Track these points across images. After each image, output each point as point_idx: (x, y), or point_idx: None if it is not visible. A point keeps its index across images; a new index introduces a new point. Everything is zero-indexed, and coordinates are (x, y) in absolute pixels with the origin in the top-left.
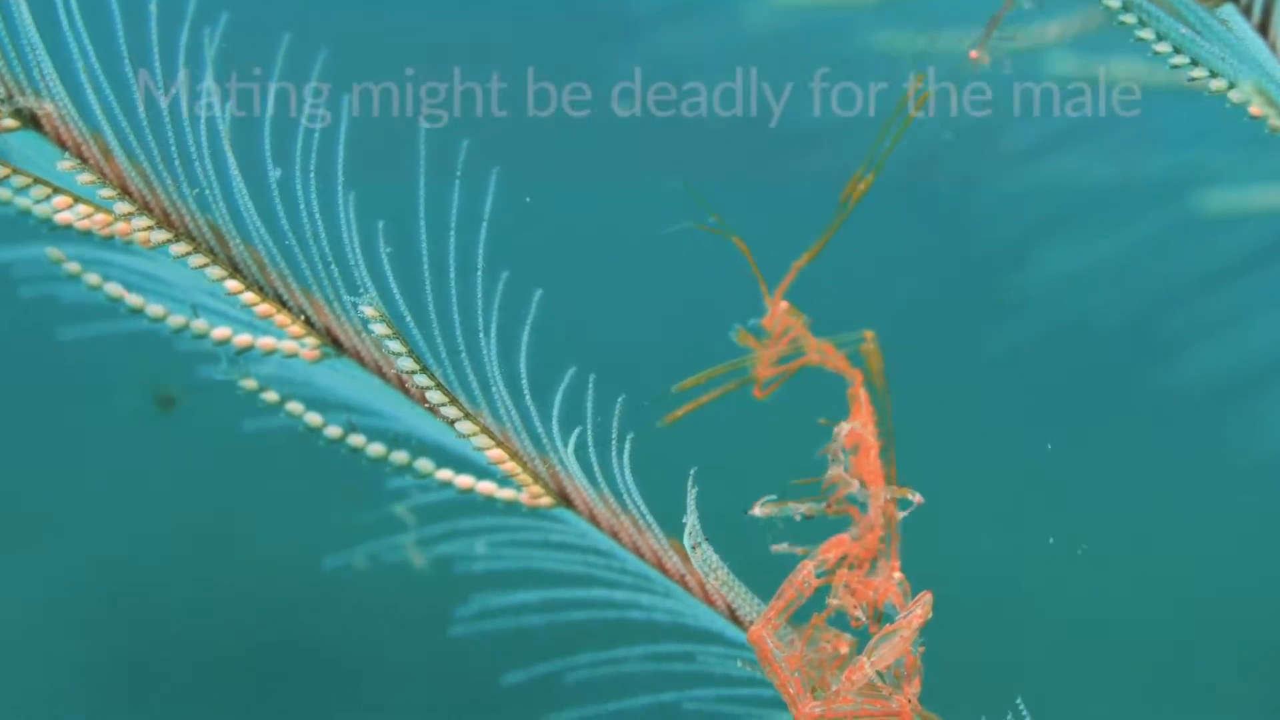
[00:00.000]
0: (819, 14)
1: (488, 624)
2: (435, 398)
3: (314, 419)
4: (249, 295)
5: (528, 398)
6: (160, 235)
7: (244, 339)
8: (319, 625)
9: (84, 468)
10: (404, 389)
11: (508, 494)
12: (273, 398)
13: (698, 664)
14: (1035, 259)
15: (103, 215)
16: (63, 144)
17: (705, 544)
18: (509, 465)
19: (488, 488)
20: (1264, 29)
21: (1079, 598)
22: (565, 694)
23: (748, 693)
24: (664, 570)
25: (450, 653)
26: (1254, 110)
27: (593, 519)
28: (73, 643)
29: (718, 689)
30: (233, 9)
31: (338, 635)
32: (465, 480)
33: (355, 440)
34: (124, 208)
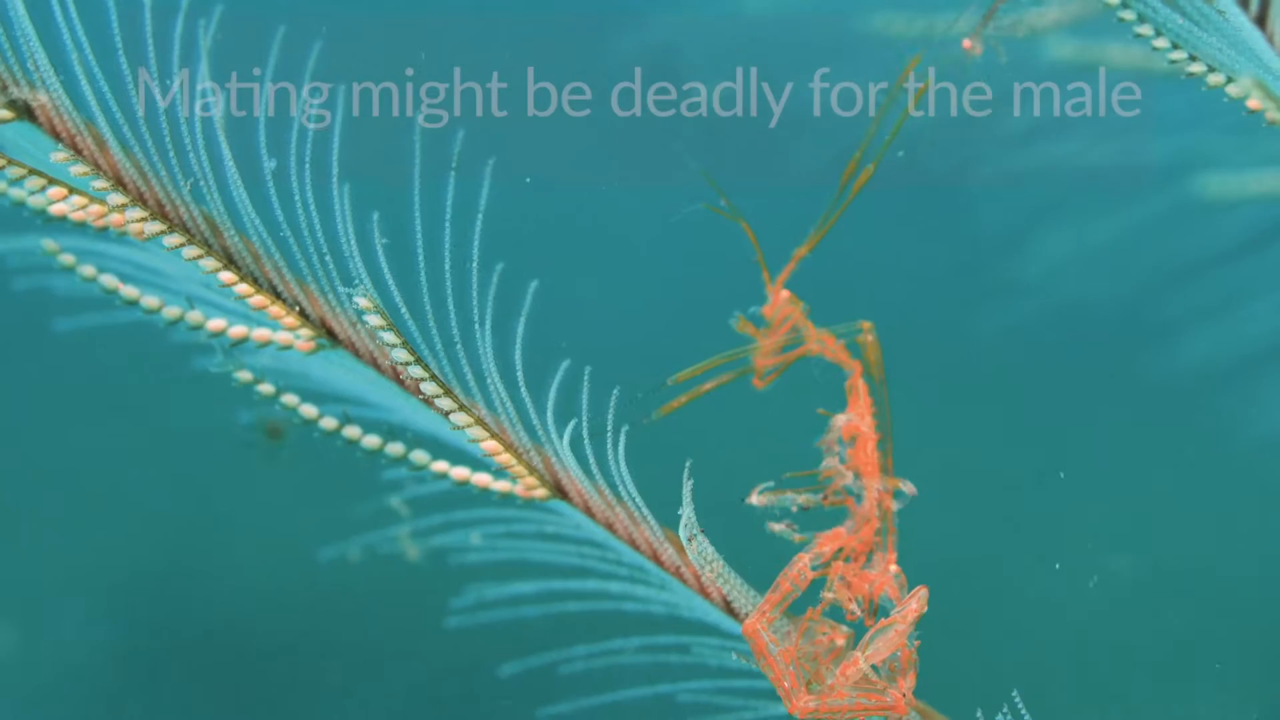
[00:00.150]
0: None
1: (483, 615)
2: (430, 389)
3: (309, 411)
4: (244, 287)
5: (523, 389)
6: (154, 227)
7: (239, 331)
8: (314, 616)
9: (78, 460)
10: (399, 381)
11: (503, 486)
12: (268, 390)
13: (693, 656)
14: (1032, 243)
15: (97, 207)
16: (57, 135)
17: (701, 536)
18: (504, 457)
19: (483, 479)
20: (1261, 21)
21: (1075, 589)
22: (560, 685)
23: (743, 685)
24: (659, 562)
25: (445, 644)
26: (1252, 104)
27: (588, 511)
28: (65, 635)
29: (713, 681)
30: (231, 6)
31: (332, 626)
32: (460, 472)
33: (350, 432)
34: (118, 199)
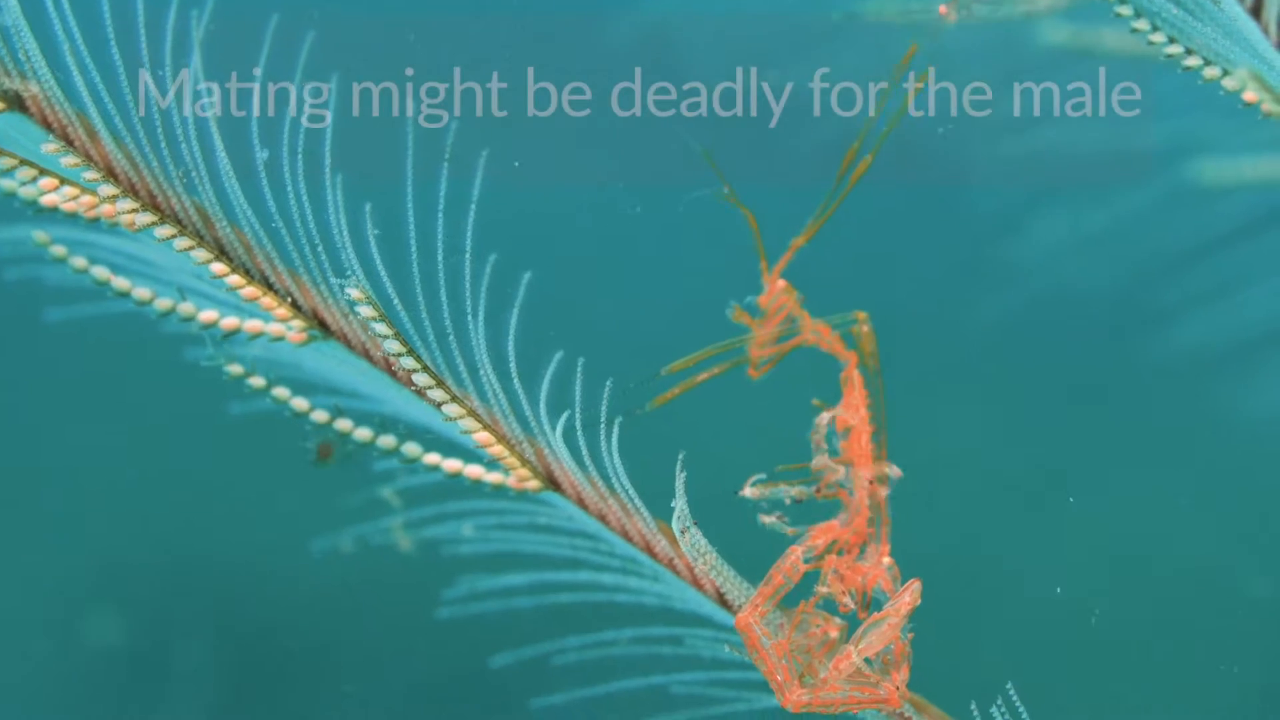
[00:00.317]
0: None
1: (475, 607)
2: (422, 380)
3: (300, 403)
4: (235, 278)
5: (516, 381)
6: (146, 218)
7: (230, 322)
8: (305, 607)
9: (69, 452)
10: (391, 372)
11: (495, 477)
12: (259, 382)
13: (686, 647)
14: (1028, 230)
15: (89, 198)
16: (49, 126)
17: (694, 528)
18: (496, 448)
19: (475, 471)
20: (1256, 12)
21: (1071, 579)
22: (553, 677)
23: (736, 676)
24: (652, 554)
25: (438, 635)
26: (1248, 96)
27: (580, 502)
28: (56, 627)
29: (706, 672)
30: (231, 4)
31: (324, 617)
32: (453, 464)
33: (342, 424)
34: (110, 190)
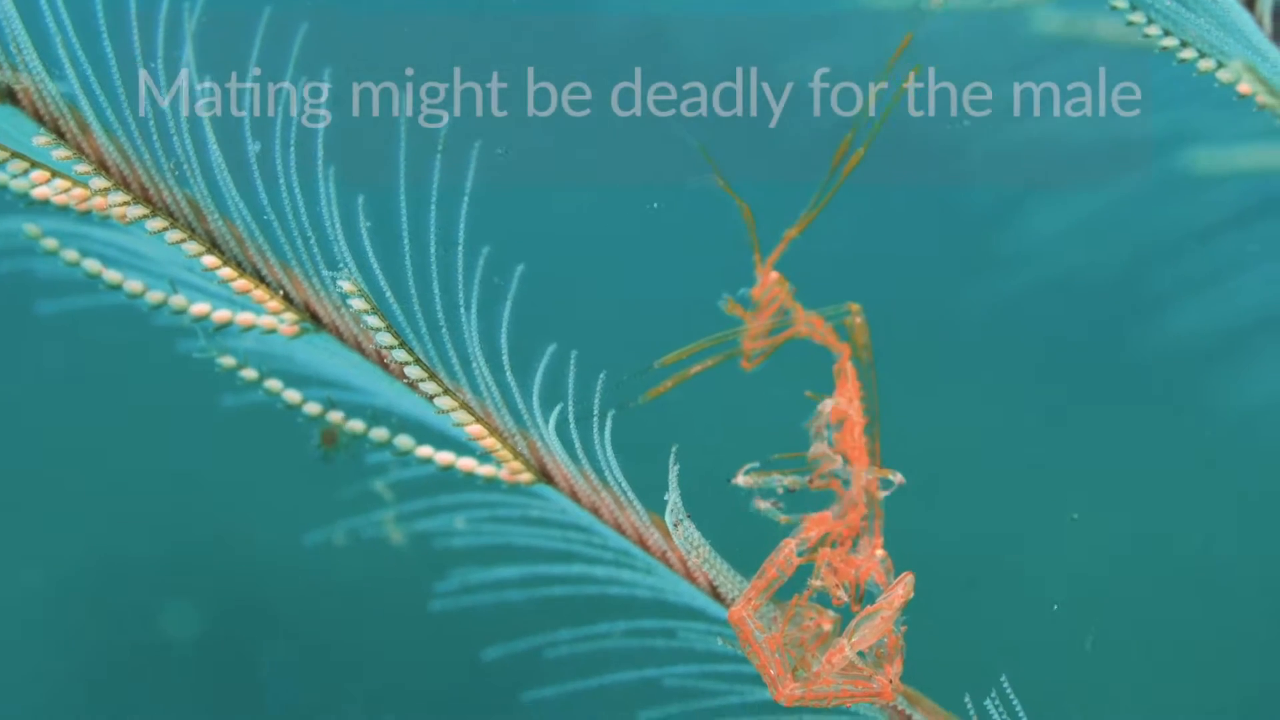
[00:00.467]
0: None
1: (467, 600)
2: (414, 373)
3: (293, 395)
4: (227, 270)
5: (508, 373)
6: (137, 210)
7: (222, 314)
8: (297, 600)
9: (60, 444)
10: (383, 364)
11: (488, 470)
12: (251, 374)
13: (679, 640)
14: (1021, 218)
15: (80, 190)
16: (40, 118)
17: (687, 521)
18: (489, 441)
19: (468, 464)
20: (1250, 4)
21: (1064, 571)
22: (545, 670)
23: (729, 669)
24: (645, 547)
25: (430, 628)
26: (1243, 88)
27: (573, 495)
28: (46, 619)
29: (699, 665)
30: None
31: (316, 610)
32: (445, 456)
33: (334, 416)
34: (101, 183)
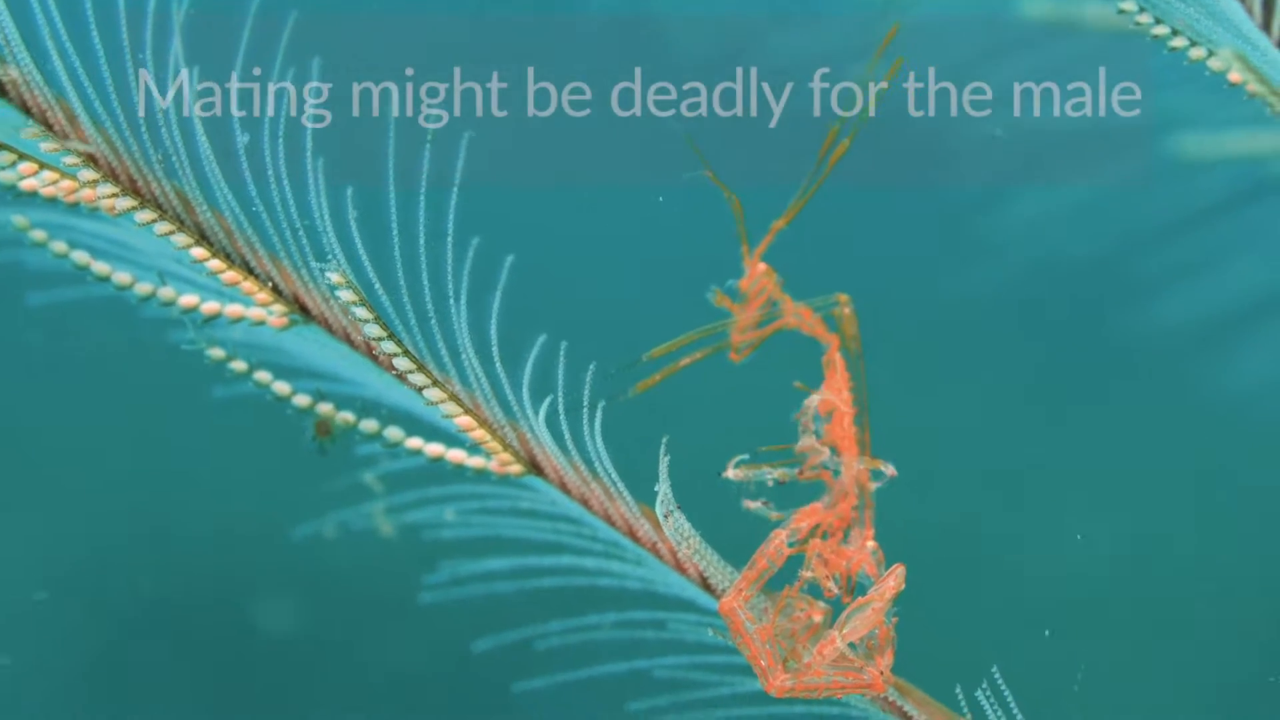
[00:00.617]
0: None
1: (457, 592)
2: (404, 365)
3: (282, 387)
4: (216, 262)
5: (498, 364)
6: (126, 203)
7: (211, 307)
8: (287, 593)
9: (49, 436)
10: (372, 356)
11: (477, 462)
12: (240, 366)
13: (669, 631)
14: (1008, 204)
15: (68, 182)
16: (28, 111)
17: (677, 512)
18: (478, 433)
19: (457, 455)
20: None
21: (1055, 561)
22: (535, 661)
23: (719, 660)
24: (635, 538)
25: (419, 620)
26: (1234, 77)
27: (563, 487)
28: (35, 610)
29: (689, 656)
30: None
31: (306, 603)
32: (435, 448)
33: (323, 408)
34: (89, 175)
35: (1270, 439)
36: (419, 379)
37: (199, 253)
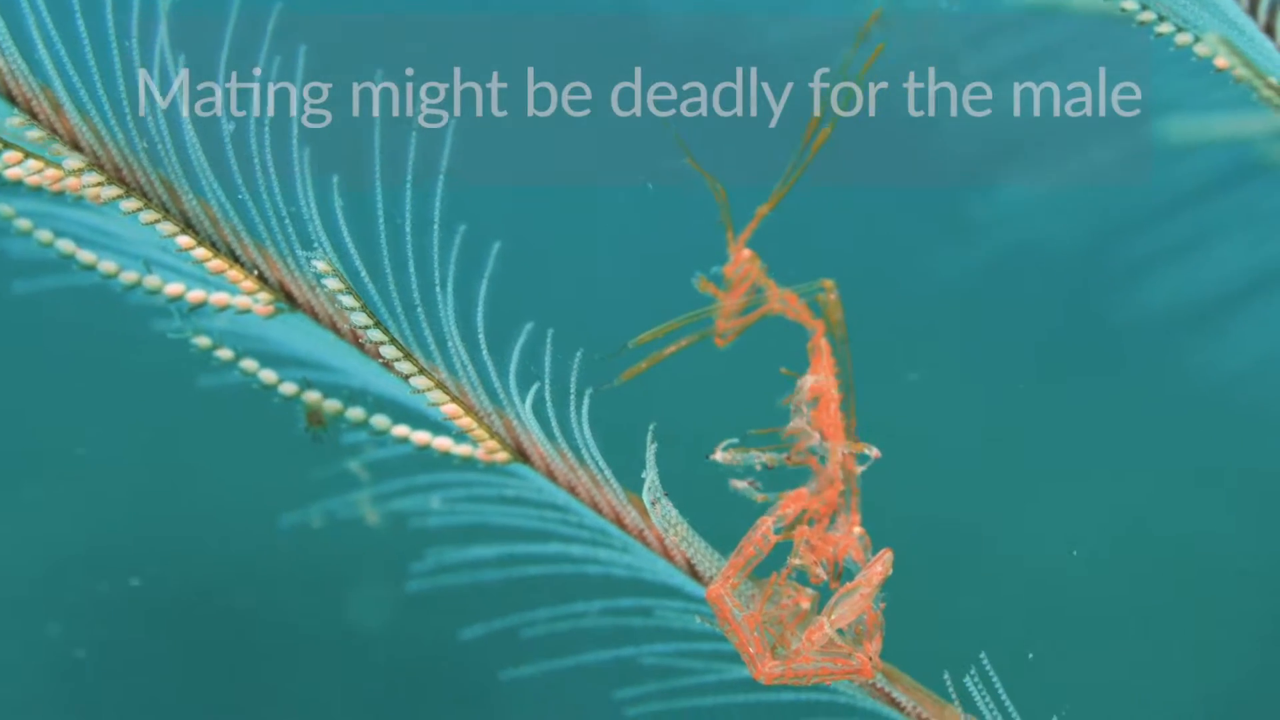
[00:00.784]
0: None
1: (443, 579)
2: (390, 353)
3: (268, 376)
4: (201, 251)
5: (485, 352)
6: (112, 191)
7: (197, 295)
8: (273, 581)
9: (34, 425)
10: (358, 344)
11: (464, 450)
12: (227, 355)
13: (656, 619)
14: (993, 187)
15: (53, 171)
16: (13, 99)
17: (665, 499)
18: (465, 420)
19: (444, 443)
20: None
21: (1044, 547)
22: (522, 649)
23: (707, 648)
24: (622, 525)
25: (406, 608)
26: (1220, 62)
27: (550, 474)
28: (23, 602)
29: (676, 644)
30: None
31: (292, 591)
32: (421, 436)
33: (311, 396)
34: (75, 163)
35: (1260, 420)
36: (405, 367)
37: (184, 241)
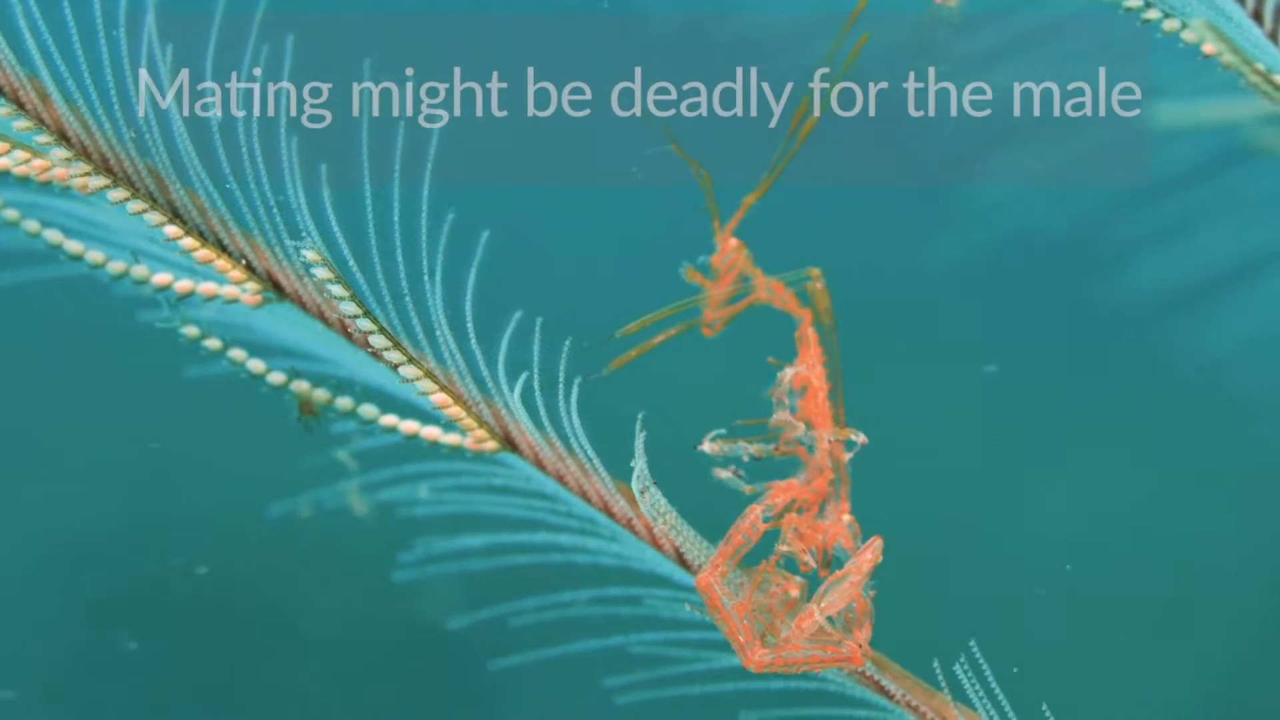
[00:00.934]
0: None
1: (432, 569)
2: (379, 342)
3: (256, 365)
4: (189, 240)
5: (473, 342)
6: (99, 181)
7: (185, 285)
8: (261, 571)
9: (21, 416)
10: (347, 334)
11: (452, 439)
12: (215, 345)
13: (644, 607)
14: (979, 173)
15: (41, 161)
16: (0, 90)
17: (654, 488)
18: (453, 410)
19: (432, 433)
20: None
21: (1033, 533)
22: (510, 638)
23: (695, 636)
24: (611, 514)
25: (394, 598)
26: (1207, 48)
27: (538, 464)
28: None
29: (665, 632)
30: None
31: (280, 582)
32: (409, 425)
33: (299, 386)
34: (62, 154)
35: (1247, 403)
36: (394, 356)
37: (172, 231)
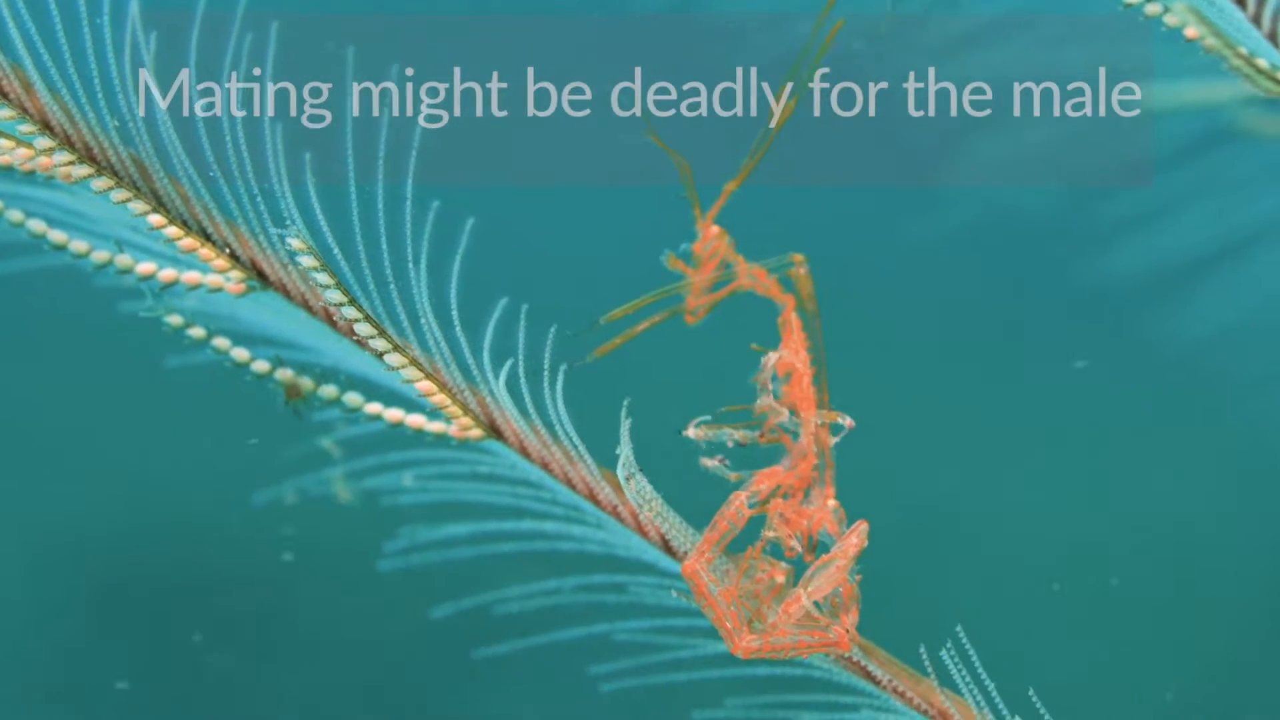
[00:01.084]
0: None
1: (416, 558)
2: (364, 330)
3: (240, 354)
4: (173, 230)
5: (458, 329)
6: (83, 170)
7: (169, 274)
8: (244, 560)
9: (5, 406)
10: (331, 322)
11: (437, 427)
12: (199, 333)
13: (630, 595)
14: (962, 155)
15: (24, 150)
16: None
17: (639, 475)
18: (438, 397)
19: (417, 421)
20: None
21: (1017, 515)
22: (495, 627)
23: (681, 623)
24: (596, 501)
25: (378, 587)
26: (1189, 32)
27: (523, 451)
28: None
29: (651, 620)
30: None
31: (264, 570)
32: (394, 413)
33: (283, 373)
34: (46, 143)
35: (1227, 385)
36: (379, 344)
37: (156, 219)
